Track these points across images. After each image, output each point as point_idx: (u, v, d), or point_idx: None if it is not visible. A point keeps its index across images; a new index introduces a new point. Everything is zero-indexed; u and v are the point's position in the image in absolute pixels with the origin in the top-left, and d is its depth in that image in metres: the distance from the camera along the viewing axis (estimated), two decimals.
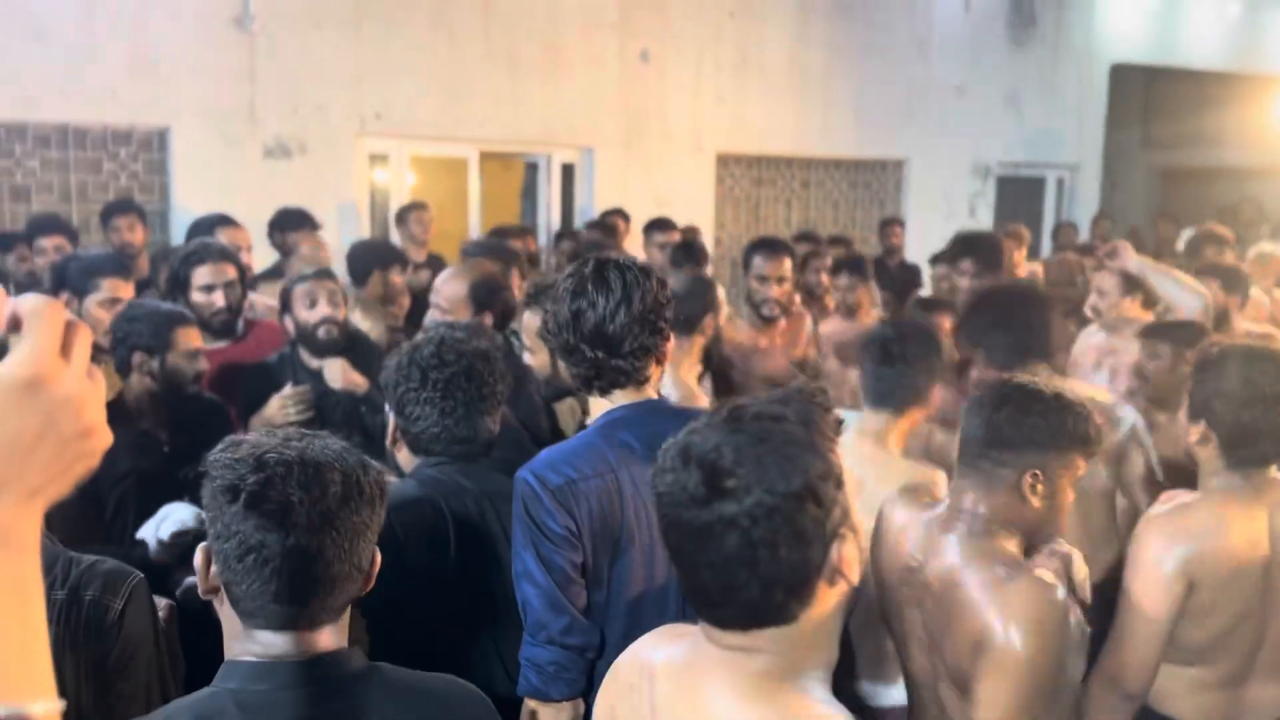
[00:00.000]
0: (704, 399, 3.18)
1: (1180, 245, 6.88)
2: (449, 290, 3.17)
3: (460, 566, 1.98)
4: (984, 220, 9.36)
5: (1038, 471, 1.82)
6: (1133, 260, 3.67)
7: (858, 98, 8.58)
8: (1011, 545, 1.86)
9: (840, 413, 1.27)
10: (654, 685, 1.28)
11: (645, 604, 1.87)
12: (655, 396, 2.00)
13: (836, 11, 8.41)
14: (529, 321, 2.69)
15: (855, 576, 1.19)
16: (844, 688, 2.43)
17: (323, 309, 3.26)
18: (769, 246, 4.13)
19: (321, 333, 3.24)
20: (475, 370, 2.08)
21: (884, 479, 2.36)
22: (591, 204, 7.48)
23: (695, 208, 7.78)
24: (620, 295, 1.89)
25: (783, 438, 1.15)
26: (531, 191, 7.79)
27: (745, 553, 1.12)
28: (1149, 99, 12.30)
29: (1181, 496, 2.26)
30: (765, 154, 8.48)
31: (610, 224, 6.39)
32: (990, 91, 9.36)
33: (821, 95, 8.42)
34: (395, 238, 6.10)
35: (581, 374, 1.96)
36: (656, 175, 7.69)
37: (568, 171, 7.66)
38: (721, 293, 3.48)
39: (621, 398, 1.95)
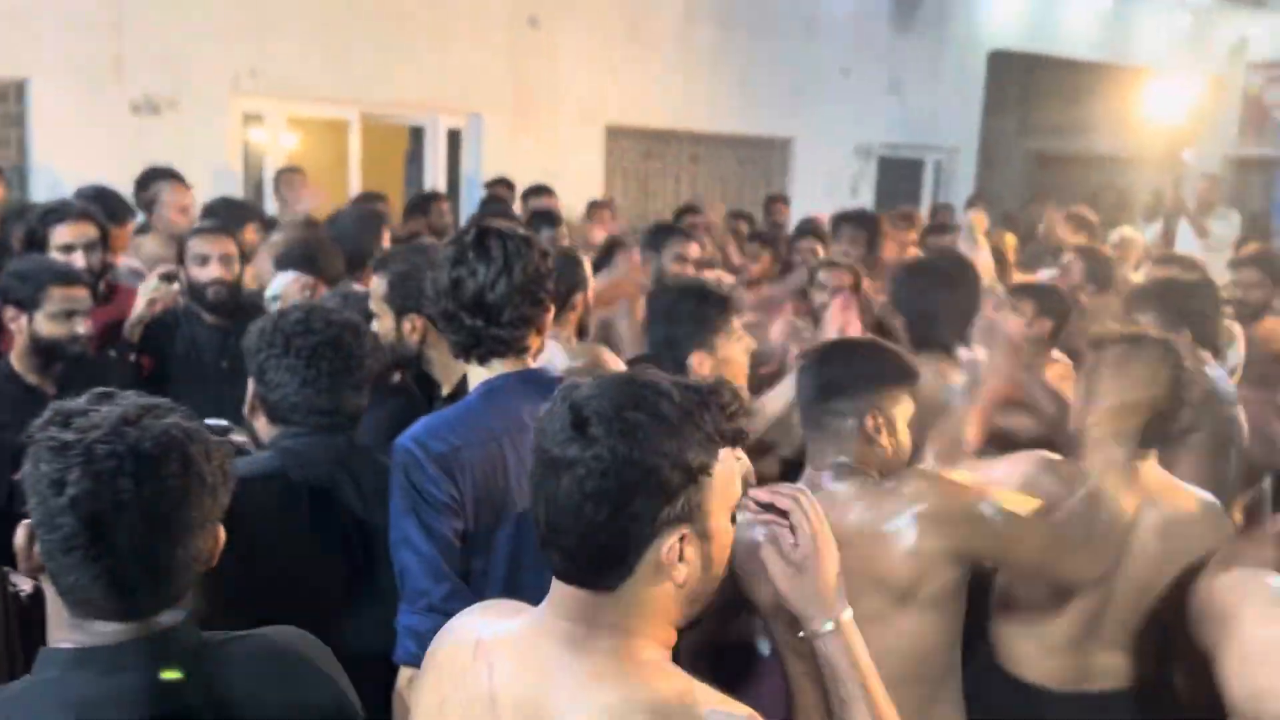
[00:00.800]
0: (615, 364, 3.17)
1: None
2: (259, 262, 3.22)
3: (316, 539, 1.94)
4: (865, 200, 9.56)
5: (877, 414, 1.97)
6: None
7: (746, 75, 8.64)
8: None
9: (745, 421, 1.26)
10: (492, 666, 1.24)
11: (526, 572, 1.85)
12: (535, 366, 1.98)
13: None
14: (375, 286, 2.65)
15: (682, 576, 1.18)
16: None
17: (213, 269, 3.32)
18: (683, 233, 4.31)
19: (210, 293, 3.31)
20: (343, 341, 2.04)
21: None
22: (479, 172, 7.37)
23: (584, 180, 7.74)
24: (501, 264, 1.87)
25: (653, 411, 1.16)
26: (417, 157, 7.62)
27: (573, 498, 1.15)
28: (1026, 86, 12.75)
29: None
30: (654, 128, 8.47)
31: (497, 195, 6.30)
32: (874, 74, 9.54)
33: (710, 71, 8.45)
34: (273, 202, 5.90)
35: (460, 342, 1.93)
36: (546, 145, 7.61)
37: (454, 138, 7.52)
38: (589, 267, 3.49)
39: (500, 367, 1.93)
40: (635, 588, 1.18)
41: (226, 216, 4.23)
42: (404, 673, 1.78)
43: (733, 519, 1.24)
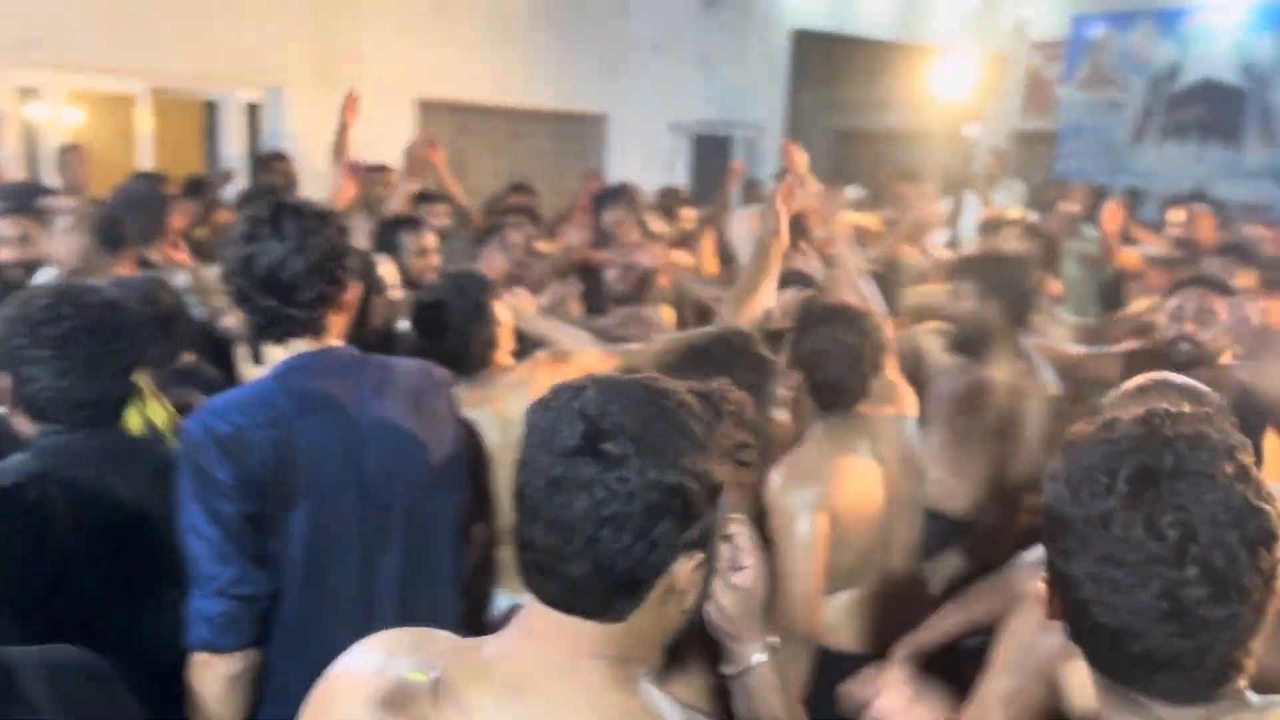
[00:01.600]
0: None
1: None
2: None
3: (84, 543, 1.81)
4: (681, 175, 9.74)
5: None
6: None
7: (560, 51, 8.63)
8: None
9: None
10: (470, 712, 1.05)
11: (327, 554, 1.82)
12: (336, 345, 1.93)
13: None
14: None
15: (690, 602, 1.10)
16: None
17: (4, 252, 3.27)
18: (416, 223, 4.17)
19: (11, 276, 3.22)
20: (101, 324, 1.86)
21: None
22: (281, 145, 7.08)
23: (396, 155, 7.55)
24: (295, 241, 1.81)
25: (678, 423, 1.04)
26: (214, 133, 7.26)
27: (588, 523, 1.01)
28: (828, 65, 13.22)
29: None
30: (468, 102, 8.35)
31: (279, 170, 6.01)
32: (685, 52, 9.69)
33: (523, 45, 8.40)
34: (56, 181, 5.51)
35: (255, 322, 1.87)
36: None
37: (254, 112, 7.20)
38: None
39: (300, 346, 1.88)
40: (640, 616, 1.06)
41: (20, 197, 3.99)
42: (197, 658, 1.73)
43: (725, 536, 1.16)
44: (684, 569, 1.05)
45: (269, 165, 6.08)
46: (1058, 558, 1.06)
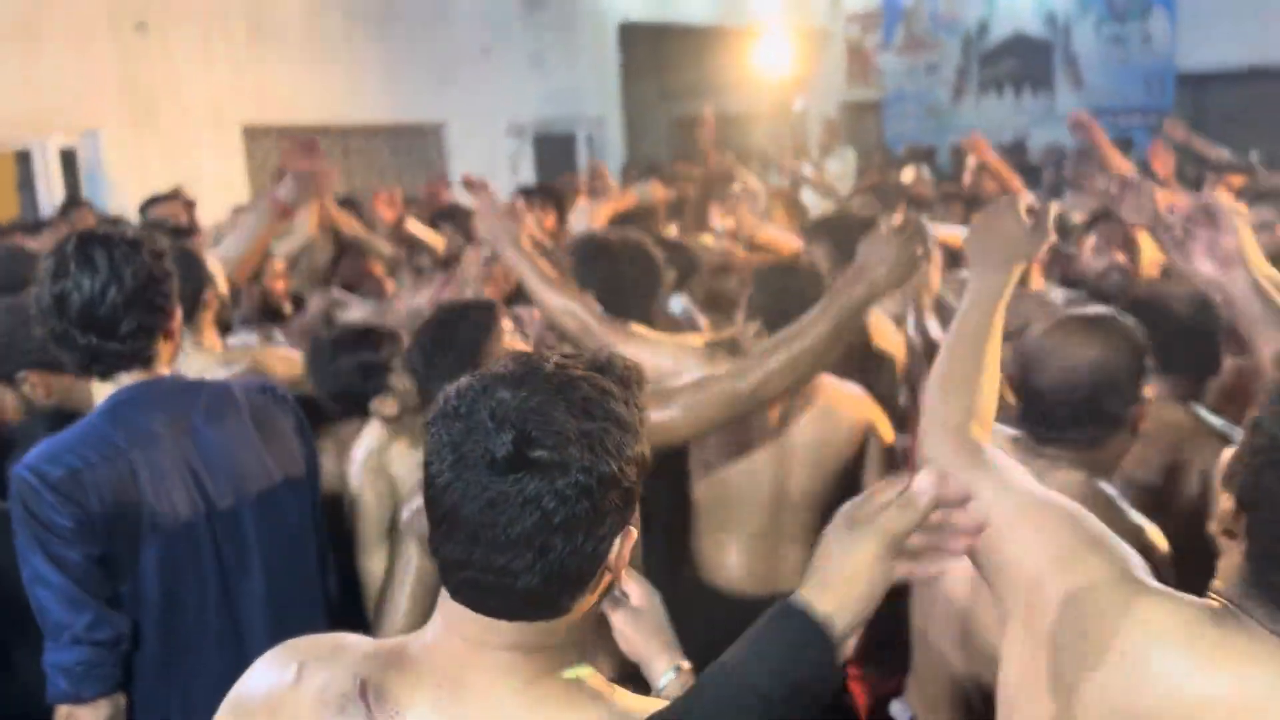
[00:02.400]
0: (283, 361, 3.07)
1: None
2: None
3: None
4: (526, 175, 9.73)
5: None
6: None
7: (386, 63, 8.52)
8: None
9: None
10: (400, 711, 1.03)
11: (184, 586, 1.79)
12: (166, 374, 1.89)
13: None
14: None
15: (621, 569, 1.08)
16: None
17: None
18: None
19: None
20: None
21: None
22: (102, 191, 6.81)
23: (226, 186, 7.35)
24: (109, 273, 1.76)
25: (607, 413, 1.00)
26: (29, 183, 6.92)
27: (540, 537, 0.97)
28: (658, 55, 13.41)
29: None
30: (295, 124, 8.17)
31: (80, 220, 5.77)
32: (515, 53, 9.70)
33: (347, 62, 8.27)
34: None
35: (77, 360, 1.81)
36: (177, 154, 7.14)
37: (69, 158, 6.89)
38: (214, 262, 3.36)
39: (128, 379, 1.83)
40: (583, 601, 1.04)
41: None
42: (60, 712, 1.68)
43: None
44: (618, 548, 1.03)
45: (66, 216, 5.84)
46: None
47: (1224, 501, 1.10)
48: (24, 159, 6.90)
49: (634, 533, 1.05)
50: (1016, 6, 11.94)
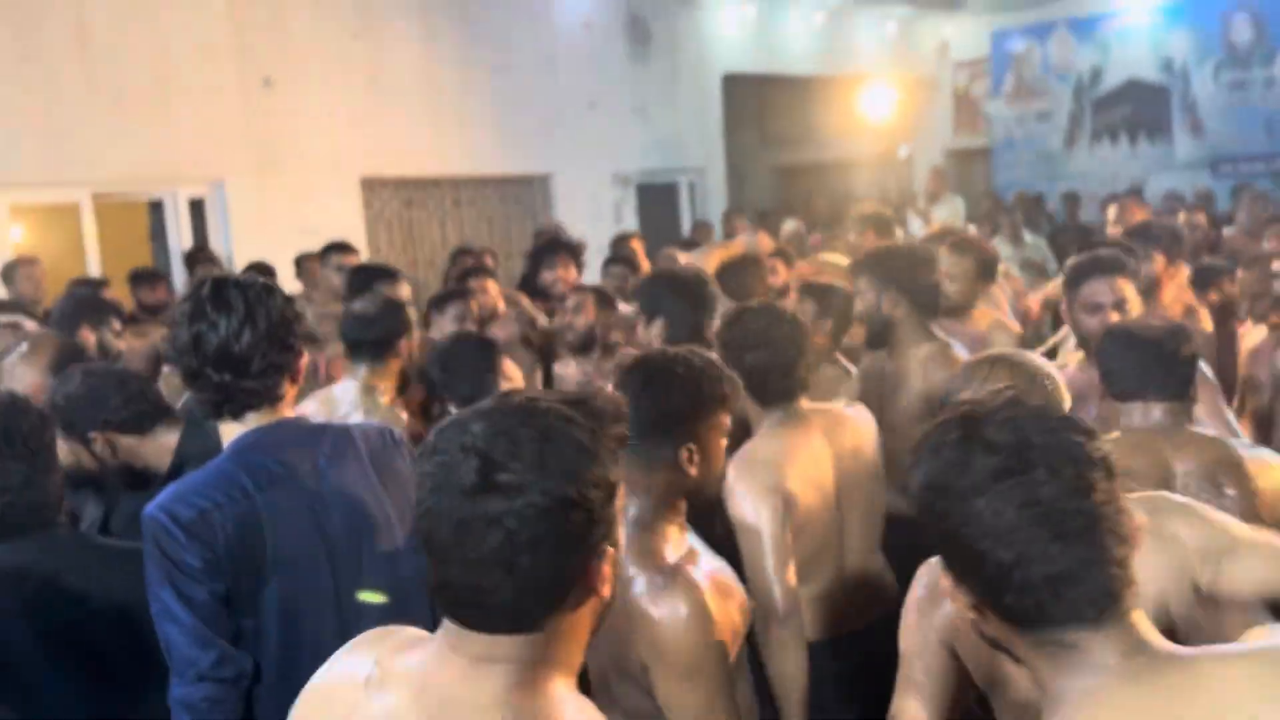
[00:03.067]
0: (404, 417, 3.16)
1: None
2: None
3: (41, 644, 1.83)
4: (629, 224, 9.84)
5: (691, 445, 1.88)
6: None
7: (496, 115, 8.74)
8: (674, 530, 1.88)
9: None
10: (374, 701, 1.15)
11: (301, 626, 1.82)
12: (291, 416, 1.95)
13: (462, 32, 8.53)
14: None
15: (608, 591, 1.16)
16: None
17: None
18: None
19: None
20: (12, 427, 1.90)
21: None
22: (229, 239, 7.11)
23: (345, 234, 7.58)
24: (244, 314, 1.82)
25: (566, 438, 1.10)
26: (160, 232, 7.27)
27: (505, 554, 1.06)
28: (761, 104, 13.49)
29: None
30: (410, 176, 8.44)
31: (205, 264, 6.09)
32: (620, 104, 9.86)
33: (459, 114, 8.50)
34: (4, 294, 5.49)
35: (209, 399, 1.88)
36: (298, 203, 7.43)
37: (197, 207, 7.23)
38: (413, 314, 3.47)
39: (255, 420, 1.88)
40: (557, 619, 1.12)
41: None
42: None
43: None
44: (596, 566, 1.13)
45: (195, 260, 6.18)
46: (943, 527, 1.18)
47: None
48: (156, 209, 7.25)
49: (613, 552, 1.14)
50: (1132, 53, 11.67)
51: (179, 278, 6.82)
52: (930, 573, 1.76)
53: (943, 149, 13.09)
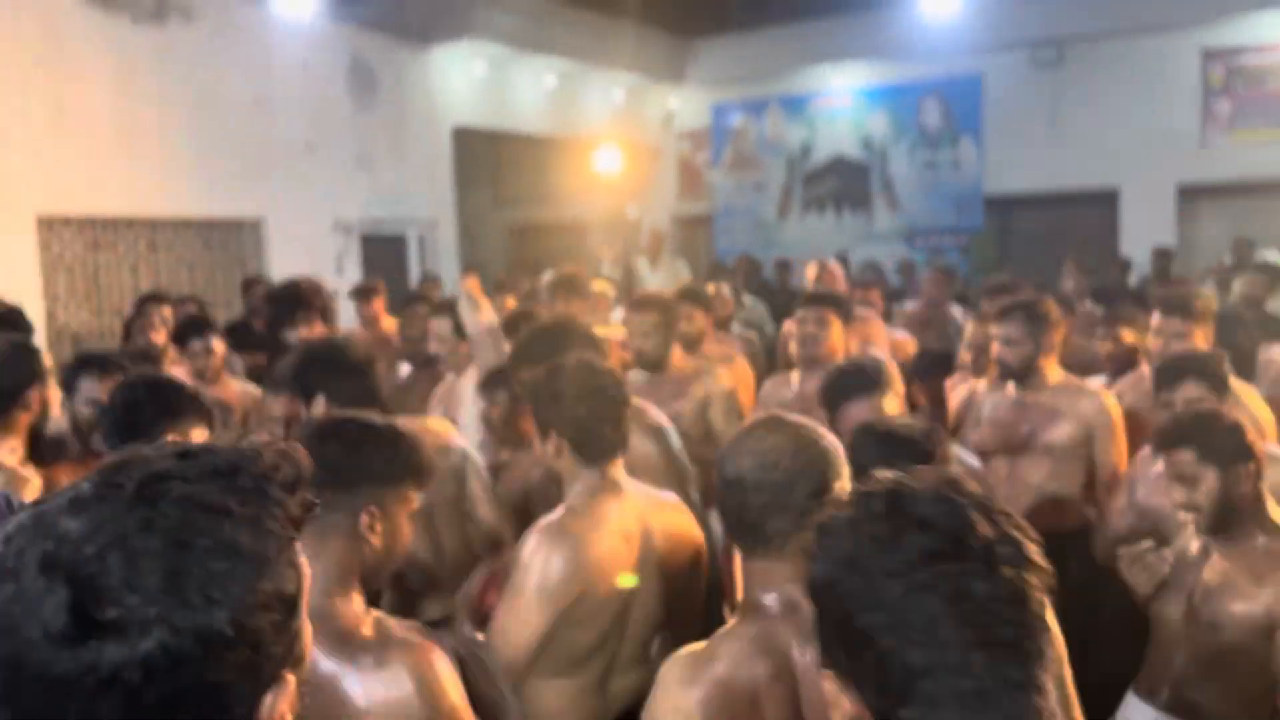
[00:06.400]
0: (33, 482, 2.69)
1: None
2: None
3: None
4: (352, 276, 9.39)
5: (374, 509, 1.69)
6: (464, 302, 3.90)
7: (199, 155, 8.10)
8: (356, 603, 1.66)
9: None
10: None
11: None
12: None
13: (162, 66, 7.86)
14: None
15: None
16: None
17: None
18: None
19: None
20: None
21: None
22: None
23: (16, 277, 6.74)
24: None
25: (214, 543, 0.75)
26: None
27: None
28: (494, 160, 13.42)
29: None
30: (98, 215, 7.63)
31: None
32: (341, 150, 9.45)
33: (157, 152, 7.81)
34: None
35: None
36: None
37: None
38: (49, 361, 2.98)
39: None
40: None
41: None
42: None
43: None
44: (273, 703, 0.80)
45: None
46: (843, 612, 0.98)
47: None
48: None
49: (293, 680, 0.81)
50: (837, 131, 12.55)
51: None
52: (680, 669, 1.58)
53: (669, 213, 13.50)
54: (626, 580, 2.24)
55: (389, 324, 5.94)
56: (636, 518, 2.30)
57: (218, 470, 0.78)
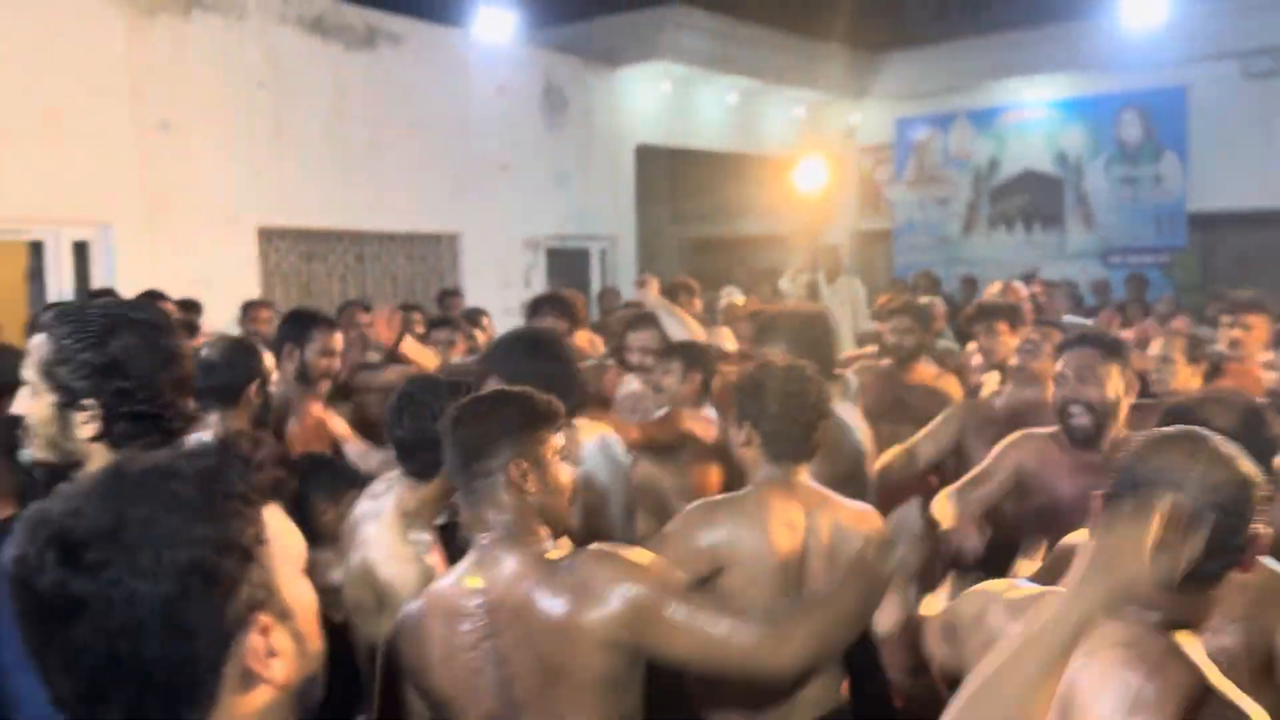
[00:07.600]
0: None
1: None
2: None
3: None
4: (539, 288, 9.75)
5: (519, 461, 1.88)
6: (651, 299, 4.07)
7: (406, 173, 8.62)
8: (545, 536, 1.90)
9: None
10: None
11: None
12: None
13: (372, 89, 8.41)
14: None
15: (282, 673, 0.98)
16: None
17: None
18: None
19: None
20: None
21: None
22: (114, 284, 6.77)
23: (238, 284, 7.34)
24: None
25: (165, 499, 0.92)
26: (39, 274, 6.90)
27: (102, 647, 0.88)
28: (673, 177, 13.64)
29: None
30: (313, 228, 8.22)
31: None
32: (534, 169, 9.83)
33: (367, 169, 8.35)
34: None
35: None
36: (189, 251, 7.15)
37: (81, 250, 6.89)
38: (270, 360, 3.27)
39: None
40: (220, 715, 0.94)
41: None
42: None
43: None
44: (249, 645, 0.94)
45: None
46: None
47: None
48: (37, 250, 6.90)
49: (269, 622, 0.96)
50: (1028, 146, 12.15)
51: None
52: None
53: (849, 230, 13.38)
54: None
55: (583, 338, 6.14)
56: (802, 510, 2.41)
57: (187, 453, 0.99)
